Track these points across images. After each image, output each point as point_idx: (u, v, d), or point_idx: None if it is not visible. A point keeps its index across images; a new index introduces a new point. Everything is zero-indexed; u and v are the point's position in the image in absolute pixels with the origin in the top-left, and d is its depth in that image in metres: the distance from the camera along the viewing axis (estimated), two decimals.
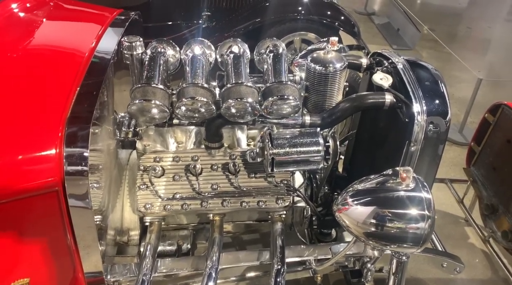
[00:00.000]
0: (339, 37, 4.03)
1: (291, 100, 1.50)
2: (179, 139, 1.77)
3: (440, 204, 2.91)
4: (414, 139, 1.55)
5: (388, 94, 1.62)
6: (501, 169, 2.19)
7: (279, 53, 1.65)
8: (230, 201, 1.65)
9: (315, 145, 1.51)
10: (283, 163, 1.52)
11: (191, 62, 1.58)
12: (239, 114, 1.52)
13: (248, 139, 1.80)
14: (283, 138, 1.52)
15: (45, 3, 2.05)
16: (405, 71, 1.66)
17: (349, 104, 1.65)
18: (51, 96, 1.27)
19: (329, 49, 1.66)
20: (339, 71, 1.64)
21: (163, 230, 1.78)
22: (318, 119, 1.65)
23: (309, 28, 3.99)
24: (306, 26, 3.99)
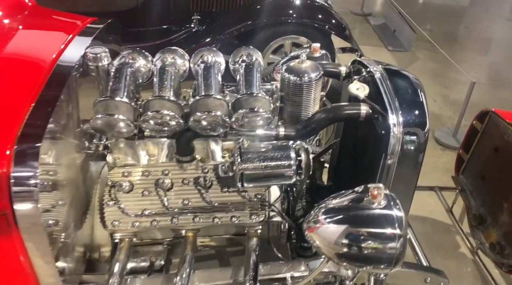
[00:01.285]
0: (331, 40, 3.99)
1: (262, 113, 1.46)
2: (151, 152, 1.71)
3: (430, 211, 2.86)
4: (391, 152, 1.50)
5: (364, 105, 1.57)
6: (489, 178, 2.14)
7: (251, 63, 1.60)
8: (201, 217, 1.60)
9: (286, 159, 1.46)
10: (253, 178, 1.47)
11: (159, 73, 1.53)
12: (208, 127, 1.47)
13: (223, 151, 1.74)
14: (253, 152, 1.46)
15: (19, 11, 2.00)
16: (383, 80, 1.60)
17: (325, 115, 1.60)
18: (3, 111, 1.23)
19: (303, 58, 1.60)
20: (314, 81, 1.59)
21: (136, 245, 1.73)
22: (293, 130, 1.60)
23: (300, 32, 3.95)
24: (297, 29, 3.95)
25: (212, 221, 1.61)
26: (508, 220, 1.94)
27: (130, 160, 1.70)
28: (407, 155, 1.55)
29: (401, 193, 1.62)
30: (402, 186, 1.62)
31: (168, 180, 1.59)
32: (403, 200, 1.64)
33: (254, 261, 1.56)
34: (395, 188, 1.60)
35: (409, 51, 5.56)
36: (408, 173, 1.62)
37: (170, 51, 1.72)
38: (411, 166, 1.60)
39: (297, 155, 1.48)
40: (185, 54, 1.75)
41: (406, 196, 1.68)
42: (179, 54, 1.73)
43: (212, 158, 1.71)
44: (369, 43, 5.80)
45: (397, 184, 1.60)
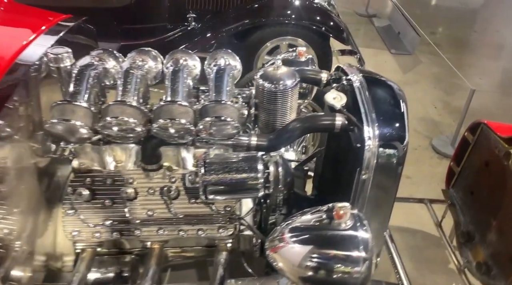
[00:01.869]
0: (329, 43, 3.91)
1: (229, 122, 1.38)
2: (118, 158, 1.65)
3: (422, 224, 2.77)
4: (365, 167, 1.42)
5: (339, 115, 1.49)
6: (478, 194, 2.05)
7: (221, 68, 1.52)
8: (166, 229, 1.54)
9: (253, 172, 1.39)
10: (217, 190, 1.40)
11: (124, 76, 1.46)
12: (175, 135, 1.41)
13: (195, 160, 1.68)
14: (218, 163, 1.40)
15: None
16: (361, 90, 1.53)
17: (299, 125, 1.52)
18: None
19: (279, 64, 1.53)
20: (289, 88, 1.51)
21: (103, 254, 1.67)
22: (265, 140, 1.52)
23: (298, 33, 3.87)
24: (295, 31, 3.87)
25: (177, 233, 1.55)
26: (496, 240, 1.85)
27: (96, 166, 1.64)
28: (384, 169, 1.48)
29: (377, 209, 1.56)
30: (379, 201, 1.54)
31: (131, 189, 1.52)
32: (380, 215, 1.59)
33: (221, 276, 1.51)
34: (371, 203, 1.52)
35: (412, 54, 5.46)
36: (386, 187, 1.54)
37: (142, 53, 1.65)
38: (388, 180, 1.53)
39: (265, 167, 1.41)
40: (159, 56, 1.69)
41: (384, 211, 1.61)
42: (152, 55, 1.66)
43: (183, 166, 1.64)
44: (372, 45, 5.70)
45: (373, 200, 1.52)
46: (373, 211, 1.58)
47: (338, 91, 1.57)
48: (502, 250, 1.81)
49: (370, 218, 1.56)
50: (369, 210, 1.55)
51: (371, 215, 1.56)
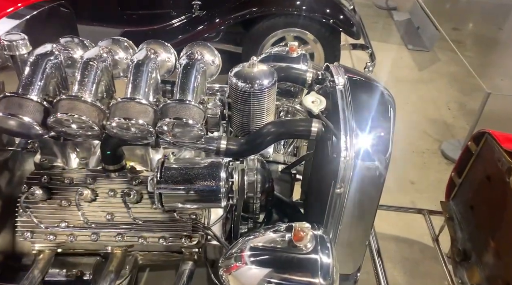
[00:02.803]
0: (338, 37, 3.74)
1: (190, 124, 1.27)
2: (82, 155, 1.56)
3: (420, 235, 2.62)
4: (341, 179, 1.29)
5: (316, 121, 1.36)
6: (478, 209, 1.90)
7: (189, 64, 1.40)
8: (125, 235, 1.44)
9: (215, 180, 1.28)
10: (174, 200, 1.30)
11: (82, 68, 1.36)
12: (129, 136, 1.30)
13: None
14: (176, 169, 1.29)
15: None
16: (344, 93, 1.39)
17: (274, 130, 1.40)
18: None
19: (254, 61, 1.40)
20: (266, 88, 1.39)
21: (67, 254, 1.59)
22: (235, 145, 1.41)
23: (306, 26, 3.72)
24: (303, 23, 3.71)
25: (137, 240, 1.45)
26: (492, 262, 1.70)
27: (59, 162, 1.55)
28: (363, 182, 1.34)
29: (357, 221, 1.44)
30: (359, 213, 1.41)
31: (87, 191, 1.43)
32: (360, 227, 1.47)
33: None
34: (349, 216, 1.40)
35: (430, 51, 5.22)
36: (366, 200, 1.40)
37: (111, 42, 1.56)
38: (368, 194, 1.38)
39: (229, 175, 1.29)
40: (131, 47, 1.58)
41: (364, 223, 1.47)
42: (123, 46, 1.56)
43: (151, 167, 1.54)
44: (388, 40, 5.49)
45: (351, 212, 1.39)
46: (352, 223, 1.45)
47: (319, 94, 1.44)
48: (499, 275, 1.66)
49: (348, 230, 1.46)
50: (348, 222, 1.42)
51: (349, 228, 1.45)
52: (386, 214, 2.50)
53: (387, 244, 2.57)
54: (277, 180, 1.79)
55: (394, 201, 2.86)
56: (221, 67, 1.63)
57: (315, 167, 1.62)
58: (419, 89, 4.39)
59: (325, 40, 3.66)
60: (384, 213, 2.46)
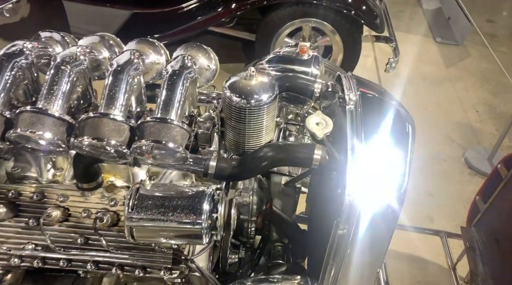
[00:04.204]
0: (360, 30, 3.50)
1: (169, 148, 1.11)
2: (58, 165, 1.42)
3: (436, 255, 2.42)
4: (345, 220, 1.11)
5: (320, 148, 1.19)
6: (505, 244, 1.70)
7: (175, 73, 1.22)
8: (99, 263, 1.30)
9: (195, 215, 1.11)
10: (147, 235, 1.14)
11: (52, 74, 1.19)
12: (101, 155, 1.14)
13: (150, 176, 1.42)
14: (152, 199, 1.13)
15: None
16: (355, 115, 1.20)
17: (271, 154, 1.23)
18: None
19: (252, 72, 1.22)
20: (264, 104, 1.23)
21: (40, 271, 1.46)
22: (228, 167, 1.24)
23: (325, 16, 3.50)
24: (322, 13, 3.49)
25: (110, 270, 1.31)
26: None
27: (32, 172, 1.41)
28: (372, 223, 1.16)
29: (359, 268, 1.27)
30: (362, 259, 1.24)
31: (57, 211, 1.28)
32: (363, 275, 1.30)
33: None
34: (352, 261, 1.22)
35: (461, 45, 4.92)
36: (373, 244, 1.23)
37: (97, 40, 1.40)
38: (377, 236, 1.21)
39: (213, 208, 1.13)
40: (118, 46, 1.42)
41: (368, 271, 1.30)
42: (108, 44, 1.40)
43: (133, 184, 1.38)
44: (415, 31, 5.19)
45: (355, 257, 1.22)
46: (357, 267, 1.28)
47: (325, 114, 1.26)
48: None
49: (352, 274, 1.30)
50: (352, 264, 1.25)
51: (354, 271, 1.28)
52: (400, 231, 2.31)
53: (398, 265, 2.39)
54: (280, 193, 1.64)
55: (409, 215, 2.69)
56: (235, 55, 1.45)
57: (317, 198, 1.44)
58: (444, 88, 4.13)
59: (345, 32, 3.43)
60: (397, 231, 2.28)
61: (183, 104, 1.21)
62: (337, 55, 3.55)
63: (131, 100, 1.28)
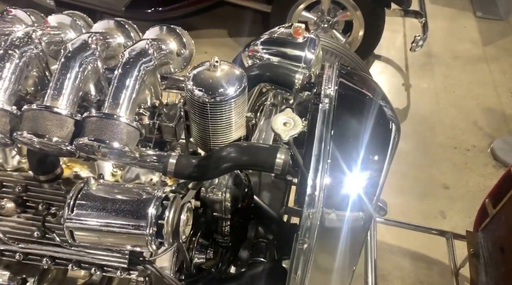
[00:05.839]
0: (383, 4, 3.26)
1: (114, 148, 1.05)
2: (23, 152, 1.38)
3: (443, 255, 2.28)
4: (304, 232, 1.03)
5: (284, 152, 1.10)
6: (510, 255, 1.55)
7: (130, 61, 1.13)
8: (56, 259, 1.26)
9: (138, 221, 1.04)
10: (89, 238, 1.08)
11: None
12: (46, 150, 1.11)
13: (114, 168, 1.37)
14: (95, 199, 1.06)
15: None
16: (327, 115, 1.09)
17: (233, 156, 1.15)
18: None
19: (214, 62, 1.12)
20: (231, 99, 1.13)
21: None
22: (188, 165, 1.17)
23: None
24: None
25: (65, 266, 1.27)
26: None
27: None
28: (337, 234, 1.07)
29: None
30: (329, 274, 1.15)
31: (12, 204, 1.25)
32: None
33: None
34: (316, 276, 1.14)
35: (504, 21, 4.55)
36: (341, 257, 1.14)
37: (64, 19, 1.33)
38: (346, 249, 1.12)
39: (161, 213, 1.05)
40: (88, 25, 1.36)
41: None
42: (74, 24, 1.33)
43: (98, 175, 1.34)
44: (453, 3, 4.81)
45: (319, 273, 1.13)
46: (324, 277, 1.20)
47: (297, 112, 1.15)
48: None
49: None
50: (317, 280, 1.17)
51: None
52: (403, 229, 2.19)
53: (401, 262, 2.28)
54: (270, 186, 1.58)
55: (417, 207, 2.57)
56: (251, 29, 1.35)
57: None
58: (478, 69, 3.84)
59: (366, 7, 3.20)
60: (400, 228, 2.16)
61: (137, 97, 1.13)
62: (357, 32, 3.34)
63: (90, 88, 1.21)
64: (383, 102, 1.22)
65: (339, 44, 2.19)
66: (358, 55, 2.30)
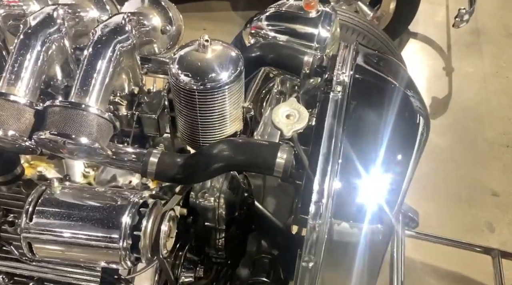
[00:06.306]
0: None
1: (82, 144, 1.07)
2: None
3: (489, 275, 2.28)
4: (308, 250, 1.05)
5: (286, 150, 1.11)
6: None
7: (102, 39, 1.15)
8: (13, 276, 1.29)
9: (109, 232, 1.05)
10: (51, 253, 1.10)
11: None
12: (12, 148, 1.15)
13: (86, 168, 1.40)
14: (58, 205, 1.09)
15: None
16: (339, 106, 1.10)
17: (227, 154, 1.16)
18: None
19: (204, 41, 1.14)
20: (224, 85, 1.16)
21: None
22: (172, 166, 1.19)
23: None
24: None
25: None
26: None
27: None
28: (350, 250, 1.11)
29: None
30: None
31: None
32: None
33: None
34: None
35: None
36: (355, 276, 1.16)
37: None
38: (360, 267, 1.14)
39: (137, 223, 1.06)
40: None
41: None
42: None
43: (66, 176, 1.37)
44: None
45: None
46: None
47: (303, 102, 1.19)
48: None
49: None
50: None
51: None
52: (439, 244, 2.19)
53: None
54: (275, 190, 1.62)
55: (458, 219, 2.59)
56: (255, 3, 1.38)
57: None
58: None
59: None
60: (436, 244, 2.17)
61: (110, 83, 1.16)
62: (388, 4, 3.34)
63: (55, 72, 1.24)
64: (409, 90, 1.24)
65: (362, 19, 2.19)
66: (389, 33, 2.30)
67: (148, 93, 1.35)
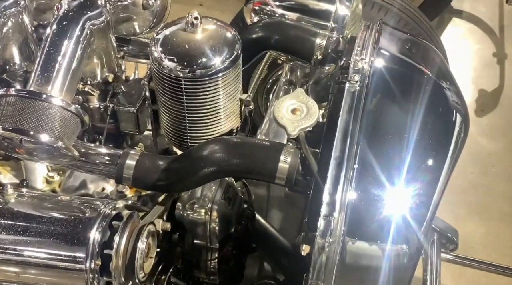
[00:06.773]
0: None
1: (41, 142, 1.09)
2: None
3: None
4: (316, 273, 1.06)
5: (290, 153, 1.13)
6: None
7: (68, 15, 1.19)
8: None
9: (75, 248, 1.07)
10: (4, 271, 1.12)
11: None
12: None
13: (50, 172, 1.44)
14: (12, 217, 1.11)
15: None
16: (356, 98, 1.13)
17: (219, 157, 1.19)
18: None
19: (193, 18, 1.17)
20: (217, 73, 1.18)
21: None
22: (152, 171, 1.22)
23: None
24: None
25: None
26: None
27: None
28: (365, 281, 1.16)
29: None
30: None
31: None
32: None
33: None
34: None
35: None
36: None
37: None
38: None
39: (107, 239, 1.08)
40: None
41: None
42: None
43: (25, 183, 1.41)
44: None
45: None
46: None
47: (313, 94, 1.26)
48: None
49: None
50: None
51: None
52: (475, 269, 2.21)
53: None
54: (281, 201, 1.67)
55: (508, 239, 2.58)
56: None
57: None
58: None
59: None
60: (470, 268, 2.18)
61: (78, 68, 1.19)
62: None
63: (12, 54, 1.26)
64: (445, 81, 1.26)
65: None
66: (426, 11, 2.30)
67: (126, 82, 1.38)
